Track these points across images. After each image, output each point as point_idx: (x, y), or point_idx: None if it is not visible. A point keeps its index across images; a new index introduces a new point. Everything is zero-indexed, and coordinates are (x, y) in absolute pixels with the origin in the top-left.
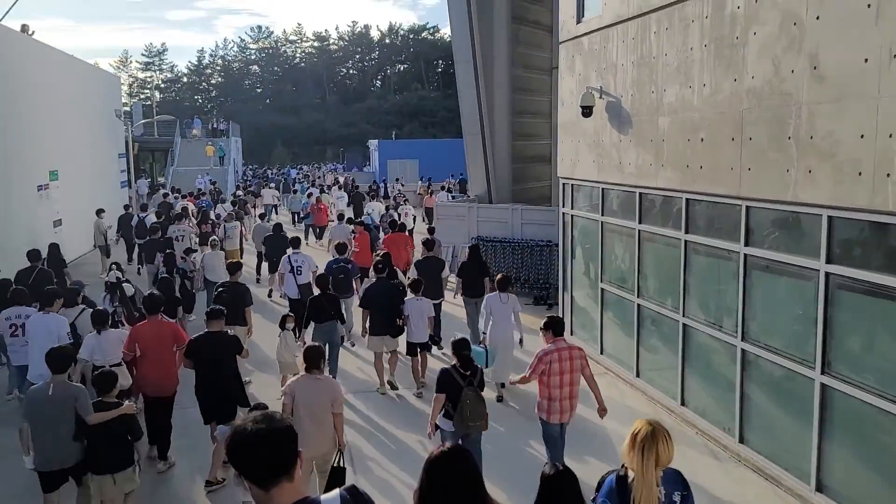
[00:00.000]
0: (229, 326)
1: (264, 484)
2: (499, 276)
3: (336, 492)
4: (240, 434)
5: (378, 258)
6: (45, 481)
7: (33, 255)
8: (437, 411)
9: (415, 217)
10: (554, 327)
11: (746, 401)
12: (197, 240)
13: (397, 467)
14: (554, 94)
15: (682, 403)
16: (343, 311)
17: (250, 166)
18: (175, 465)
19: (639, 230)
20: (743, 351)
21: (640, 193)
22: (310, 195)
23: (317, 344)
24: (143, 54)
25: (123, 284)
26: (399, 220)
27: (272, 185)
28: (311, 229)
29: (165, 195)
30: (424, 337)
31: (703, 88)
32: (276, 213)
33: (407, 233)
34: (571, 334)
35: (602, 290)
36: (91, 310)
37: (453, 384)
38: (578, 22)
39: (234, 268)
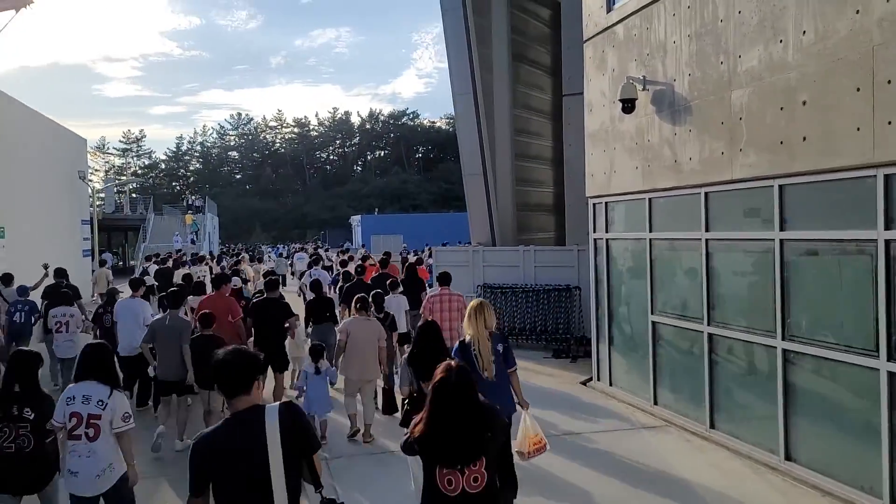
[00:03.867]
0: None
1: (230, 395)
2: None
3: (276, 404)
4: (219, 361)
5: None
6: (160, 388)
7: (60, 272)
8: None
9: None
10: (441, 279)
11: None
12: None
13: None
14: (556, 139)
15: (788, 458)
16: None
17: (228, 245)
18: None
19: (706, 240)
20: (891, 377)
21: (707, 193)
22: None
23: (363, 295)
24: (120, 140)
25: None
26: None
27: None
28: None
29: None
30: (403, 328)
31: (803, 37)
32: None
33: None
34: (611, 385)
35: (653, 324)
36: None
37: None
38: (609, 10)
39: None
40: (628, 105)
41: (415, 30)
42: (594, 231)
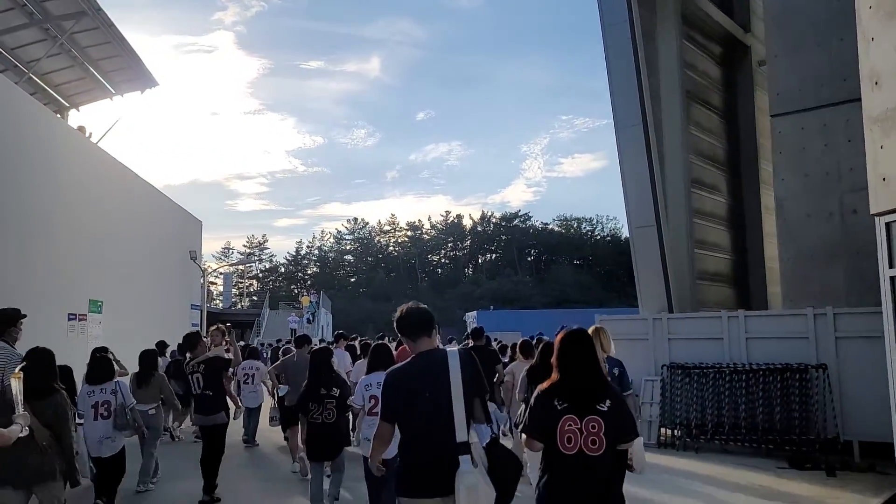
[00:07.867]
0: None
1: (415, 337)
2: None
3: (456, 348)
4: (403, 313)
5: None
6: (287, 412)
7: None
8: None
9: None
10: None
11: None
12: None
13: None
14: (731, 194)
15: None
16: None
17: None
18: None
19: None
20: None
21: None
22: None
23: (527, 339)
24: (244, 245)
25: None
26: None
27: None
28: None
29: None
30: None
31: None
32: None
33: None
34: None
35: None
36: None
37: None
38: None
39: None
40: None
41: (523, 141)
42: (890, 266)
